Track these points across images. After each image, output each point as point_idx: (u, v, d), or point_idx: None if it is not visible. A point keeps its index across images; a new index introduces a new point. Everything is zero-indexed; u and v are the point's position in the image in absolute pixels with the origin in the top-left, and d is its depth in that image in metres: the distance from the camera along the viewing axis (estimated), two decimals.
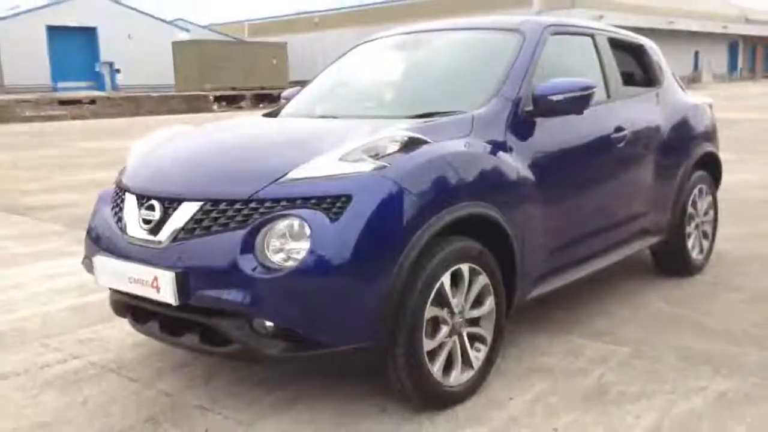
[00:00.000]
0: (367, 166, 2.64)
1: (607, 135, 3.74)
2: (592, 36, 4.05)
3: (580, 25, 4.07)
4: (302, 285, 2.49)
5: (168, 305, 2.68)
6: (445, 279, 2.75)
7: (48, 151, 15.21)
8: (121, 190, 3.10)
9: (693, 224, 4.55)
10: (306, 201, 2.57)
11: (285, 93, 4.40)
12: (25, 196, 8.91)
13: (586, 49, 3.98)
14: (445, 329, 2.80)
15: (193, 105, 32.42)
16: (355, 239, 2.51)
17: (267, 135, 3.40)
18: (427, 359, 2.74)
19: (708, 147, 4.66)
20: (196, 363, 3.41)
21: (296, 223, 2.53)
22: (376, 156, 2.69)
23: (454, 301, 2.81)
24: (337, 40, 51.13)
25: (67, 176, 10.76)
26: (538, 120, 3.32)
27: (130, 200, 2.95)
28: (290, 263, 2.50)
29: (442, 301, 2.76)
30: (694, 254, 4.59)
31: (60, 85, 39.69)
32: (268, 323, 2.57)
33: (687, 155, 4.43)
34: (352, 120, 3.43)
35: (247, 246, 2.54)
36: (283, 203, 2.59)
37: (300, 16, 56.28)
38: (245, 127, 3.70)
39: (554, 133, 3.39)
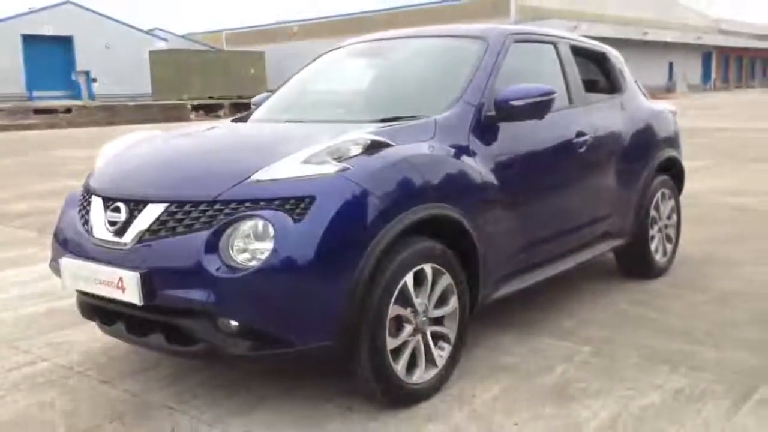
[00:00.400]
0: (330, 168, 2.70)
1: (568, 140, 3.83)
2: (554, 44, 4.14)
3: (542, 33, 4.16)
4: (266, 284, 2.54)
5: (133, 305, 2.71)
6: (408, 278, 2.81)
7: (21, 158, 15.11)
8: (87, 192, 3.13)
9: (656, 227, 4.66)
10: (270, 202, 2.62)
11: (255, 99, 4.45)
12: None
13: (549, 57, 4.07)
14: (408, 328, 2.86)
15: (171, 114, 32.29)
16: (318, 239, 2.56)
17: (232, 139, 3.46)
18: (390, 358, 2.79)
19: (671, 152, 4.78)
20: (163, 365, 3.44)
21: (260, 223, 2.58)
22: (339, 158, 2.75)
23: (417, 301, 2.87)
24: (314, 49, 50.93)
25: (40, 185, 10.71)
26: (501, 125, 3.40)
27: (96, 202, 2.98)
28: (254, 263, 2.54)
29: (405, 300, 2.82)
30: (658, 257, 4.69)
31: (35, 94, 39.44)
32: (233, 322, 2.61)
33: (650, 160, 4.54)
34: (317, 124, 3.49)
35: (212, 246, 2.59)
36: (247, 204, 2.64)
37: (278, 26, 56.40)
38: (212, 131, 3.75)
39: (516, 138, 3.47)
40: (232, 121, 4.15)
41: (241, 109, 36.40)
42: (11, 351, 3.73)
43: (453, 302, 3.04)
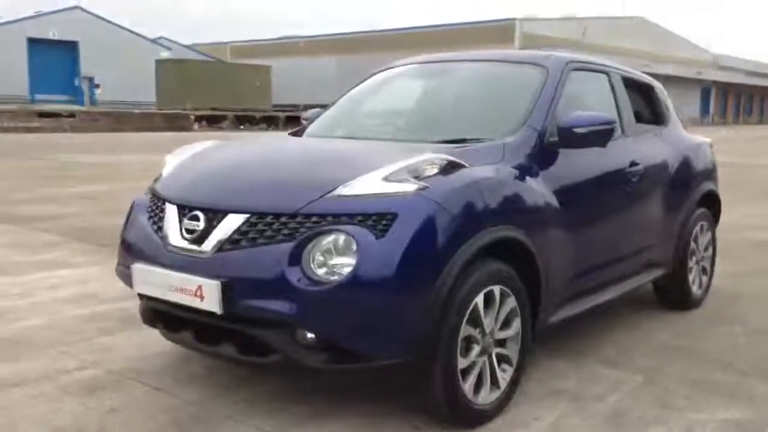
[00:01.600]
0: (410, 186, 2.73)
1: (623, 169, 3.88)
2: (607, 74, 4.21)
3: (597, 62, 4.22)
4: (347, 298, 2.56)
5: (211, 314, 2.73)
6: (479, 299, 2.84)
7: (28, 162, 15.10)
8: (159, 199, 3.15)
9: (694, 259, 4.70)
10: (352, 217, 2.65)
11: (306, 114, 4.48)
12: (14, 206, 8.85)
13: (603, 86, 4.13)
14: (476, 348, 2.88)
15: (174, 123, 32.38)
16: (399, 256, 2.59)
17: (305, 153, 3.49)
18: (460, 377, 2.81)
19: (710, 185, 4.85)
20: (216, 374, 3.45)
21: (343, 238, 2.60)
22: (417, 177, 2.78)
23: (486, 322, 2.89)
24: (322, 66, 51.66)
25: (49, 188, 10.71)
26: (561, 151, 3.44)
27: (171, 210, 3.00)
28: (336, 277, 2.57)
29: (475, 320, 2.85)
30: (694, 288, 4.73)
31: (37, 97, 39.43)
32: (311, 335, 2.63)
33: (691, 192, 4.60)
34: (384, 143, 3.51)
35: (294, 258, 2.61)
36: (329, 218, 2.66)
37: (283, 42, 56.70)
38: (282, 144, 3.78)
39: (575, 164, 3.52)
40: (290, 134, 4.19)
41: (244, 122, 36.70)
42: (58, 355, 3.72)
43: (516, 325, 3.07)
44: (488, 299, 2.90)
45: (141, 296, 3.16)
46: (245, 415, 3.02)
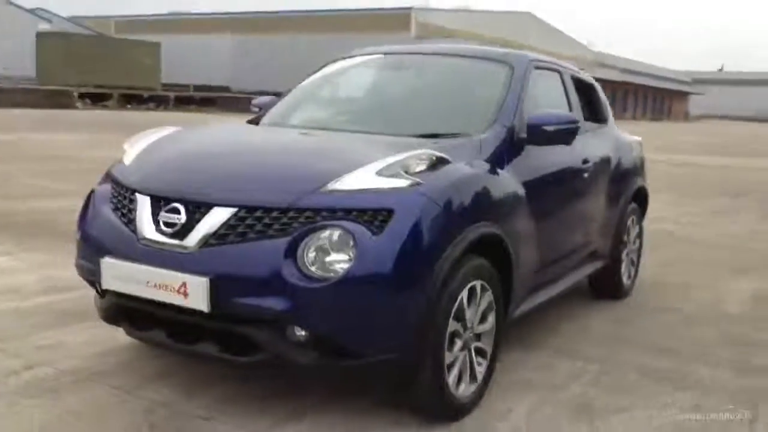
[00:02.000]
0: (403, 182, 2.72)
1: (577, 165, 4.02)
2: (560, 72, 4.33)
3: (550, 60, 4.34)
4: (344, 295, 2.52)
5: (193, 312, 2.62)
6: (464, 295, 2.87)
7: None
8: (124, 189, 2.98)
9: (625, 251, 4.94)
10: (347, 213, 2.61)
11: (257, 101, 4.36)
12: None
13: (557, 85, 4.25)
14: (458, 343, 2.91)
15: (56, 100, 30.57)
16: (397, 253, 2.57)
17: (288, 144, 3.39)
18: (447, 372, 2.84)
19: (641, 181, 5.11)
20: (185, 372, 3.32)
21: (340, 234, 2.56)
22: (407, 172, 2.77)
23: (467, 317, 2.93)
24: (216, 45, 50.25)
25: None
26: (527, 147, 3.52)
27: (143, 202, 2.85)
28: (332, 274, 2.52)
29: (460, 316, 2.88)
30: (625, 279, 4.98)
31: None
32: (302, 332, 2.57)
33: (627, 188, 4.83)
34: (365, 135, 3.46)
35: (289, 254, 2.54)
36: (323, 213, 2.61)
37: (174, 18, 54.69)
38: (257, 133, 3.69)
39: (539, 161, 3.61)
40: (248, 122, 4.05)
41: (131, 101, 35.15)
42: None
43: (492, 318, 3.12)
44: (470, 294, 2.94)
45: (103, 292, 3.00)
46: (224, 415, 2.93)
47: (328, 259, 2.56)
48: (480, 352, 3.10)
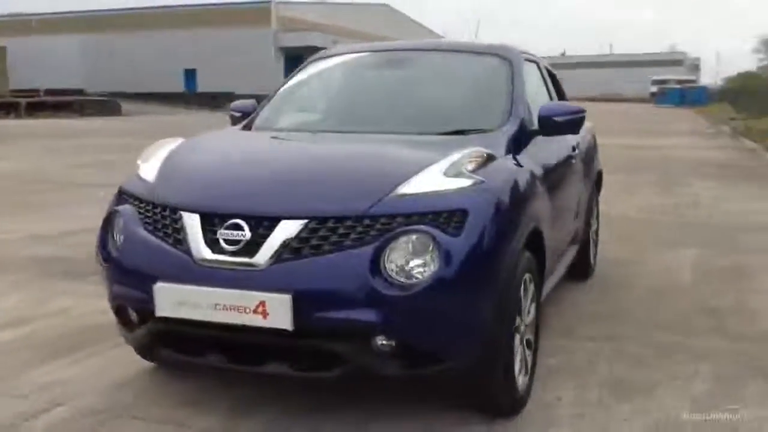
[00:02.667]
0: (468, 181, 2.70)
1: (569, 153, 4.15)
2: (537, 63, 4.43)
3: (529, 53, 4.42)
4: (431, 301, 2.48)
5: (270, 331, 2.49)
6: (522, 289, 2.90)
7: None
8: (161, 207, 2.77)
9: (591, 232, 5.15)
10: (422, 216, 2.55)
11: (236, 105, 4.16)
12: None
13: (537, 75, 4.35)
14: (518, 337, 2.93)
15: None
16: (477, 253, 2.56)
17: (336, 150, 3.27)
18: (516, 368, 2.86)
19: (599, 164, 5.34)
20: (207, 396, 3.15)
21: (421, 239, 2.51)
22: (466, 171, 2.75)
23: (524, 310, 2.96)
24: (63, 46, 47.29)
25: None
26: (535, 138, 3.58)
27: (192, 220, 2.66)
28: (417, 280, 2.47)
29: (520, 310, 2.90)
30: (591, 258, 5.19)
31: None
32: (388, 342, 2.50)
33: (592, 171, 5.04)
34: (402, 136, 3.38)
35: (372, 263, 2.47)
36: (399, 219, 2.54)
37: (14, 19, 50.89)
38: (286, 141, 3.56)
39: (545, 151, 3.68)
40: (243, 128, 3.85)
41: None
42: (2, 398, 3.14)
43: (533, 309, 3.17)
44: (524, 288, 2.97)
45: (137, 323, 2.79)
46: None
47: (410, 265, 2.50)
48: (529, 344, 3.14)
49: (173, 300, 2.59)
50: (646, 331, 4.05)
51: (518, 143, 3.35)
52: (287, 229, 2.53)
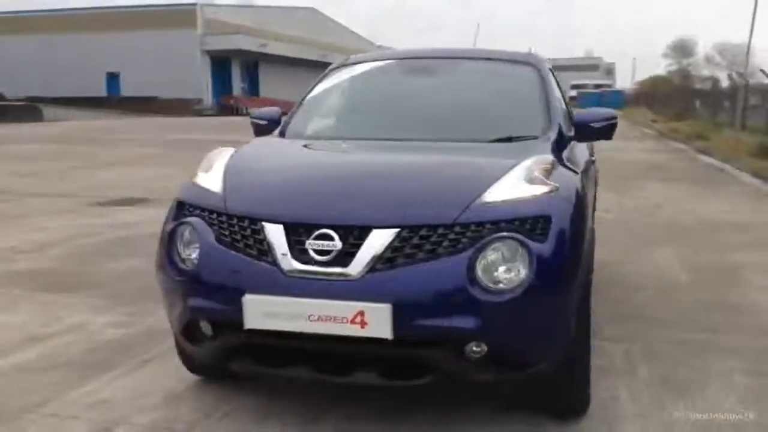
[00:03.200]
0: (544, 187, 2.74)
1: (592, 157, 4.27)
2: (551, 69, 4.53)
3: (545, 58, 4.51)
4: (526, 306, 2.51)
5: (372, 341, 2.47)
6: None
7: None
8: (238, 219, 2.71)
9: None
10: (509, 223, 2.59)
11: (259, 113, 4.09)
12: None
13: (554, 81, 4.44)
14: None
15: None
16: (565, 257, 2.62)
17: (405, 159, 3.26)
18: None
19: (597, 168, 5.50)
20: (281, 405, 3.10)
21: (513, 245, 2.53)
22: (539, 178, 2.81)
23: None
24: None
25: None
26: (571, 144, 3.67)
27: (276, 230, 2.61)
28: (512, 285, 2.50)
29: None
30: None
31: None
32: (482, 348, 2.52)
33: (596, 175, 5.17)
34: (458, 143, 3.42)
35: (468, 270, 2.48)
36: (488, 226, 2.57)
37: None
38: (350, 152, 3.51)
39: (578, 157, 3.78)
40: (267, 143, 3.76)
41: None
42: (50, 420, 3.00)
43: None
44: None
45: (210, 336, 2.73)
46: None
47: (503, 271, 2.53)
48: None
49: (263, 312, 2.54)
50: (670, 331, 4.18)
51: (561, 149, 3.43)
52: (380, 239, 2.52)
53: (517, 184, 2.73)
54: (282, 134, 3.84)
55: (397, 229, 2.53)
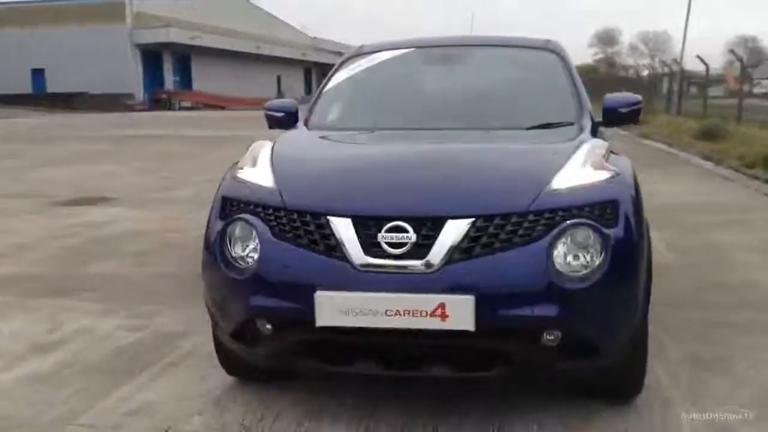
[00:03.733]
0: (607, 173, 2.75)
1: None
2: None
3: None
4: (603, 293, 2.51)
5: (453, 333, 2.42)
6: None
7: None
8: (301, 214, 2.62)
9: None
10: (580, 209, 2.57)
11: (276, 105, 3.97)
12: None
13: None
14: None
15: None
16: (633, 241, 2.63)
17: (465, 148, 3.26)
18: None
19: None
20: (328, 404, 3.01)
21: (586, 231, 2.53)
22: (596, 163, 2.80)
23: None
24: None
25: None
26: (599, 129, 3.67)
27: (344, 225, 2.52)
28: (588, 271, 2.49)
29: None
30: None
31: None
32: (558, 336, 2.50)
33: None
34: (502, 131, 3.44)
35: (547, 258, 2.46)
36: (560, 213, 2.55)
37: None
38: (401, 143, 3.42)
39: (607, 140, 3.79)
40: (304, 135, 3.65)
41: None
42: (93, 430, 2.85)
43: None
44: None
45: (269, 335, 2.63)
46: None
47: (579, 257, 2.52)
48: None
49: (337, 308, 2.46)
50: (680, 310, 4.25)
51: (595, 134, 3.44)
52: (456, 229, 2.47)
53: (581, 171, 2.73)
54: (307, 125, 3.73)
55: (471, 219, 2.49)
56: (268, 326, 2.63)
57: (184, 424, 2.89)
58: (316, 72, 66.58)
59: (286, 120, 3.86)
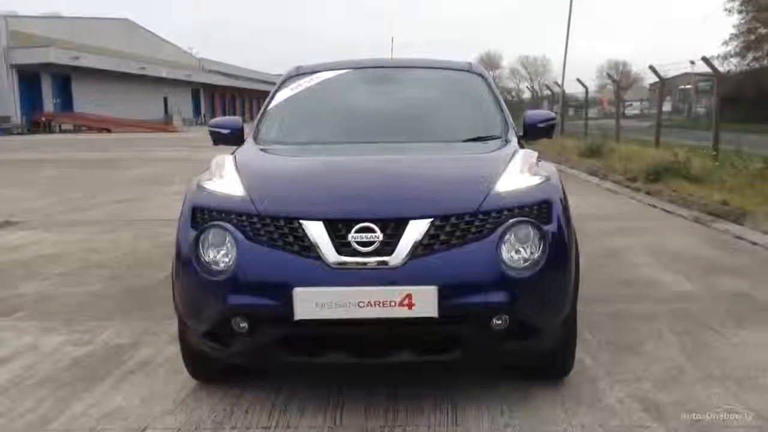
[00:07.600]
0: (539, 178, 3.15)
1: None
2: None
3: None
4: (543, 281, 2.90)
5: (418, 321, 2.74)
6: None
7: None
8: (274, 218, 2.87)
9: None
10: (521, 209, 2.95)
11: (220, 122, 4.18)
12: None
13: None
14: None
15: None
16: (565, 236, 3.03)
17: (401, 159, 3.53)
18: None
19: None
20: (298, 397, 3.24)
21: (528, 228, 2.91)
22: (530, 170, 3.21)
23: None
24: None
25: None
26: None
27: (315, 227, 2.80)
28: (531, 262, 2.87)
29: None
30: None
31: None
32: (505, 321, 2.84)
33: None
34: (443, 144, 3.82)
35: (498, 252, 2.82)
36: (505, 212, 2.92)
37: None
38: (359, 156, 3.65)
39: None
40: (260, 149, 3.88)
41: None
42: None
43: None
44: None
45: (245, 333, 2.85)
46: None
47: (523, 250, 2.89)
48: None
49: (314, 303, 2.72)
50: (593, 305, 4.70)
51: (522, 146, 3.86)
52: (418, 228, 2.80)
53: (519, 176, 3.12)
54: (256, 141, 3.97)
55: (431, 219, 2.82)
56: (243, 324, 2.85)
57: (159, 422, 3.04)
58: (204, 93, 65.68)
59: (232, 137, 4.08)
